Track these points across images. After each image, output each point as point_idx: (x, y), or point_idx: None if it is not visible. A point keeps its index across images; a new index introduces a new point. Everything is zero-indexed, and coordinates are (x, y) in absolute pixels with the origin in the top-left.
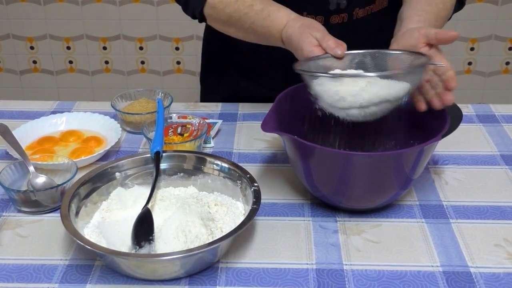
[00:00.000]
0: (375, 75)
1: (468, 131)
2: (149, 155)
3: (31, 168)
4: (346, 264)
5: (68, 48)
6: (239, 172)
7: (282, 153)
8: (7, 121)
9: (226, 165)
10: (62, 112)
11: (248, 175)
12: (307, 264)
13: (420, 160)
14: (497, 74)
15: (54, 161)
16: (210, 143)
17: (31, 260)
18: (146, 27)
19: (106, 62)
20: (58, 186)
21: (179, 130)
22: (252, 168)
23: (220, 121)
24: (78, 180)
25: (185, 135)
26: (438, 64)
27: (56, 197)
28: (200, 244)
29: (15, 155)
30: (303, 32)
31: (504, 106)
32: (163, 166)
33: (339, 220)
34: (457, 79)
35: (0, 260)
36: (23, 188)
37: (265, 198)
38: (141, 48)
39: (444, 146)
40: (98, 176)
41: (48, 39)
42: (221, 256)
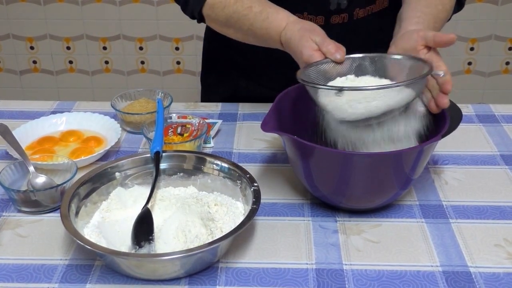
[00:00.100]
0: (379, 88)
1: (468, 131)
2: (149, 155)
3: (31, 168)
4: (346, 264)
5: (68, 48)
6: (239, 172)
7: (282, 153)
8: (7, 121)
9: (226, 165)
10: (62, 112)
11: (248, 175)
12: (307, 264)
13: (420, 160)
14: (497, 74)
15: (54, 161)
16: (210, 143)
17: (31, 260)
18: (146, 27)
19: (106, 62)
20: (58, 186)
21: (179, 130)
22: (252, 168)
23: (220, 121)
24: (78, 180)
25: (185, 135)
26: (438, 73)
27: (56, 197)
28: (200, 244)
29: (15, 155)
30: (303, 36)
31: (504, 106)
32: (163, 166)
33: (339, 220)
34: (453, 83)
35: (0, 260)
36: (23, 188)
37: (265, 198)
38: (141, 48)
39: (444, 146)
40: (98, 176)
41: (48, 39)
42: (221, 256)
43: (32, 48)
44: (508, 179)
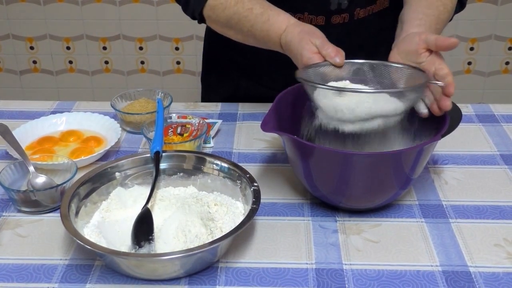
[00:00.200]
0: (376, 92)
1: (467, 131)
2: (148, 155)
3: (31, 168)
4: (346, 264)
5: (68, 48)
6: (238, 172)
7: (281, 153)
8: (7, 121)
9: (225, 165)
10: (62, 112)
11: (247, 175)
12: (307, 264)
13: (419, 159)
14: (496, 74)
15: (54, 161)
16: (209, 143)
17: (31, 260)
18: (146, 27)
19: (106, 62)
20: (58, 186)
21: (178, 130)
22: (252, 168)
23: (219, 121)
24: (78, 180)
25: (184, 135)
26: (437, 83)
27: (56, 197)
28: (199, 244)
29: (15, 155)
30: (303, 38)
31: (504, 106)
32: (162, 166)
33: (339, 220)
34: (455, 85)
35: (0, 260)
36: (23, 188)
37: (264, 198)
38: (141, 48)
39: (444, 146)
40: (98, 176)
41: (48, 39)
42: (220, 256)
43: (32, 48)
44: (508, 179)
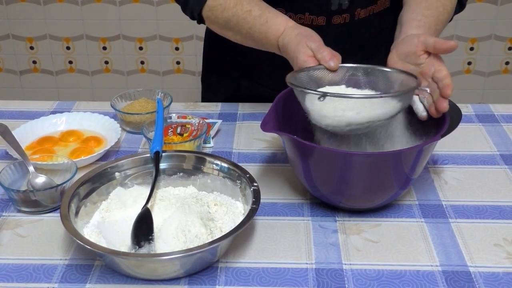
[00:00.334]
0: (362, 97)
1: (467, 131)
2: (148, 155)
3: (31, 168)
4: (346, 264)
5: (68, 48)
6: (238, 172)
7: (281, 153)
8: (7, 121)
9: (225, 165)
10: (62, 112)
11: (247, 175)
12: (307, 263)
13: (419, 159)
14: (496, 74)
15: (53, 161)
16: (209, 143)
17: (31, 260)
18: (146, 27)
19: (106, 62)
20: (58, 186)
21: (178, 130)
22: (252, 168)
23: (219, 121)
24: (77, 180)
25: (184, 135)
26: (423, 89)
27: (56, 197)
28: (199, 244)
29: (15, 155)
30: (299, 41)
31: (504, 106)
32: (162, 166)
33: (339, 220)
34: (453, 83)
35: (0, 260)
36: (23, 188)
37: (264, 198)
38: (140, 48)
39: (444, 146)
40: (98, 176)
41: (48, 39)
42: (220, 255)
43: (32, 48)
44: (507, 179)
